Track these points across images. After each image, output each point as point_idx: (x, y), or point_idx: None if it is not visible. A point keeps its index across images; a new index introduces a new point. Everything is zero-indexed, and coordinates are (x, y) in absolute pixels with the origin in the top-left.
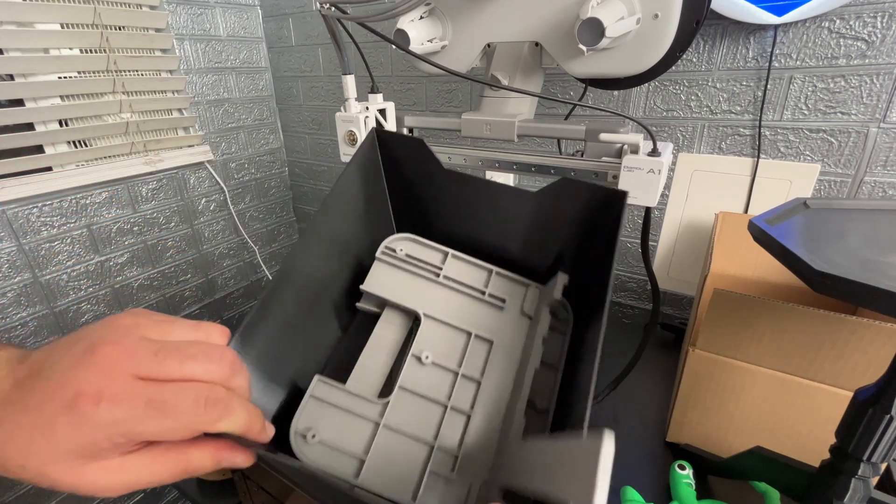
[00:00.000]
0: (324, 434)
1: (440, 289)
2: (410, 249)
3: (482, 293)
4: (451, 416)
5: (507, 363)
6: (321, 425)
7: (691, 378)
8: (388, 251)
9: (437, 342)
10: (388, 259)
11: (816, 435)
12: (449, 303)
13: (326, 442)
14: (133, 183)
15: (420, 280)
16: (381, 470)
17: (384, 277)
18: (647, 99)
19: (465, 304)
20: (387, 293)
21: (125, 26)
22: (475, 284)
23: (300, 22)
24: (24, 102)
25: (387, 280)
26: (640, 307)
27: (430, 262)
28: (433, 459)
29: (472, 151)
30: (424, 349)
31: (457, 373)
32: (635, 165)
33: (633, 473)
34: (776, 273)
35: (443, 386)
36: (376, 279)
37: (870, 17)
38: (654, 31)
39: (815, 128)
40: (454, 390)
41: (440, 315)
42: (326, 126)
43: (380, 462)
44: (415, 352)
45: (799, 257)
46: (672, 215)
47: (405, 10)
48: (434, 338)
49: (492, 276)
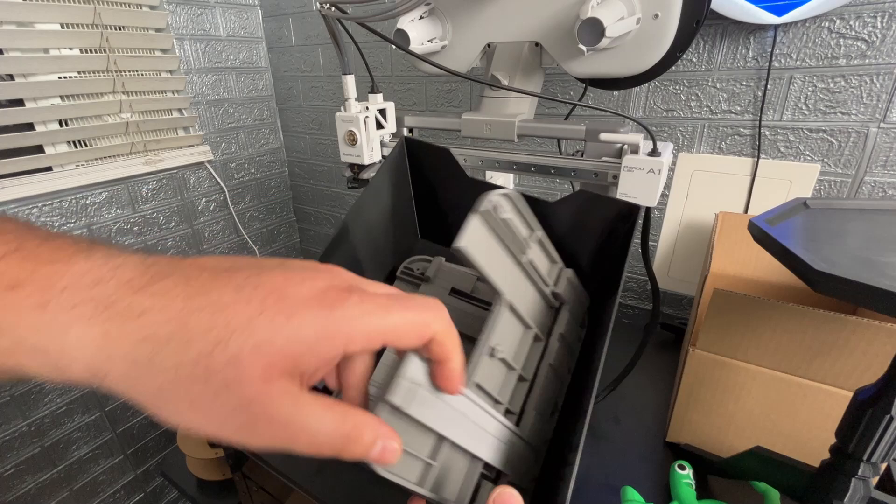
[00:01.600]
0: None
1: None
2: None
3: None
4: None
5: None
6: None
7: (691, 378)
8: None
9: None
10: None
11: (816, 435)
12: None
13: None
14: (133, 183)
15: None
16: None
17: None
18: (647, 99)
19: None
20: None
21: (125, 26)
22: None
23: (300, 22)
24: (24, 102)
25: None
26: (640, 307)
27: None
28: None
29: (472, 151)
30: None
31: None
32: (635, 165)
33: (633, 473)
34: (776, 273)
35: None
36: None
37: (870, 17)
38: (654, 31)
39: (815, 128)
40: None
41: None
42: (326, 126)
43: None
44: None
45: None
46: (672, 215)
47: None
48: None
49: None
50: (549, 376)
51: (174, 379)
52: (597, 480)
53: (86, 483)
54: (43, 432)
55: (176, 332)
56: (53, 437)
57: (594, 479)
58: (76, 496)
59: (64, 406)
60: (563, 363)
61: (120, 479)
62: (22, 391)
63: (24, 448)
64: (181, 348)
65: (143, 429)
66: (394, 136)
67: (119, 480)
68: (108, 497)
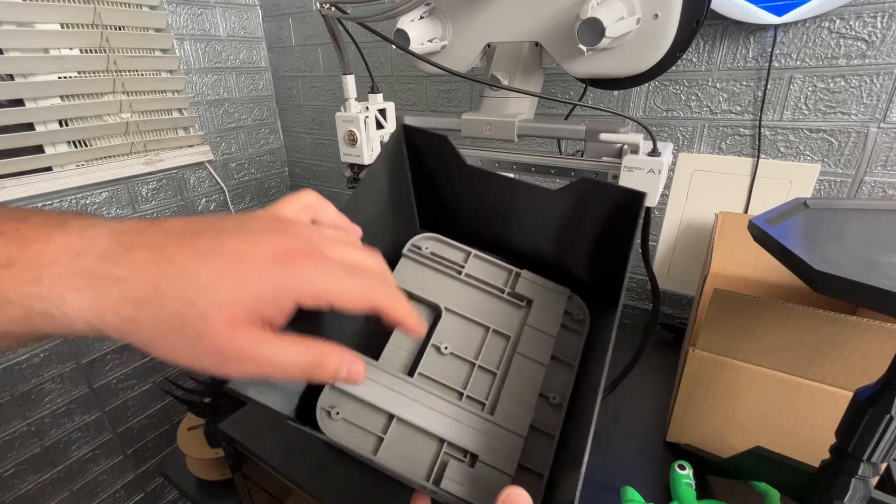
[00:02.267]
0: (346, 412)
1: (462, 286)
2: (435, 248)
3: (502, 291)
4: (467, 404)
5: (523, 358)
6: (345, 404)
7: (691, 378)
8: (414, 249)
9: (456, 335)
10: (414, 256)
11: (816, 435)
12: (470, 299)
13: (349, 419)
14: (133, 183)
15: (443, 277)
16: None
17: (409, 273)
18: (647, 99)
19: (485, 301)
20: (411, 287)
21: (125, 26)
22: (496, 283)
23: (300, 22)
24: (24, 102)
25: (411, 276)
26: (640, 307)
27: (453, 260)
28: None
29: (472, 151)
30: (444, 340)
31: (474, 364)
32: (635, 165)
33: (633, 473)
34: (776, 273)
35: (460, 375)
36: (402, 275)
37: (870, 17)
38: (654, 31)
39: (815, 128)
40: (471, 380)
41: (460, 309)
42: (326, 126)
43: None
44: (435, 342)
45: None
46: (672, 215)
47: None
48: (453, 331)
49: (511, 276)
50: (522, 366)
51: (157, 331)
52: (597, 480)
53: (86, 483)
54: (43, 432)
55: (151, 295)
56: (53, 437)
57: (594, 479)
58: (76, 496)
59: (64, 406)
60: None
61: (120, 479)
62: (22, 391)
63: (24, 448)
64: (158, 307)
65: (143, 429)
66: None
67: (119, 480)
68: (108, 497)
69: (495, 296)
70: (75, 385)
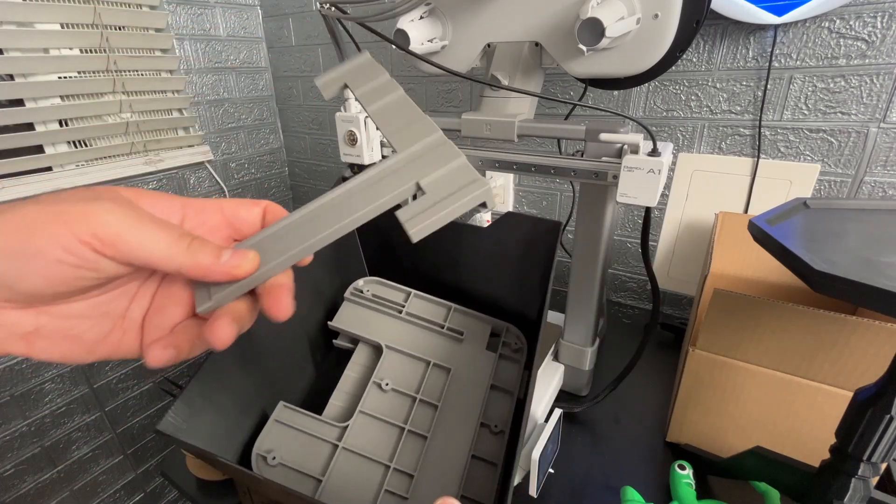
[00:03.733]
0: (285, 456)
1: (403, 324)
2: (377, 290)
3: (441, 327)
4: (410, 439)
5: (464, 389)
6: (283, 448)
7: (691, 378)
8: (355, 292)
9: (397, 371)
10: (356, 299)
11: (816, 435)
12: (410, 336)
13: (287, 463)
14: (133, 183)
15: (385, 317)
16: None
17: (351, 315)
18: (647, 99)
19: (425, 337)
20: (353, 328)
21: (125, 26)
22: (435, 319)
23: (300, 22)
24: (24, 102)
25: (354, 317)
26: (640, 307)
27: (394, 300)
28: (389, 479)
29: (472, 151)
30: (385, 377)
31: (415, 398)
32: (635, 165)
33: (633, 473)
34: (776, 273)
35: (402, 410)
36: (345, 316)
37: (870, 17)
38: (654, 31)
39: (815, 128)
40: (412, 414)
41: (401, 346)
42: (326, 126)
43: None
44: (375, 379)
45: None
46: (672, 215)
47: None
48: (395, 367)
49: (450, 311)
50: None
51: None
52: (597, 480)
53: (86, 483)
54: (43, 432)
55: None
56: (53, 437)
57: (594, 479)
58: (76, 496)
59: (64, 406)
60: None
61: (120, 479)
62: (22, 391)
63: (24, 448)
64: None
65: (143, 429)
66: None
67: (119, 480)
68: (108, 497)
69: (435, 331)
70: (75, 385)
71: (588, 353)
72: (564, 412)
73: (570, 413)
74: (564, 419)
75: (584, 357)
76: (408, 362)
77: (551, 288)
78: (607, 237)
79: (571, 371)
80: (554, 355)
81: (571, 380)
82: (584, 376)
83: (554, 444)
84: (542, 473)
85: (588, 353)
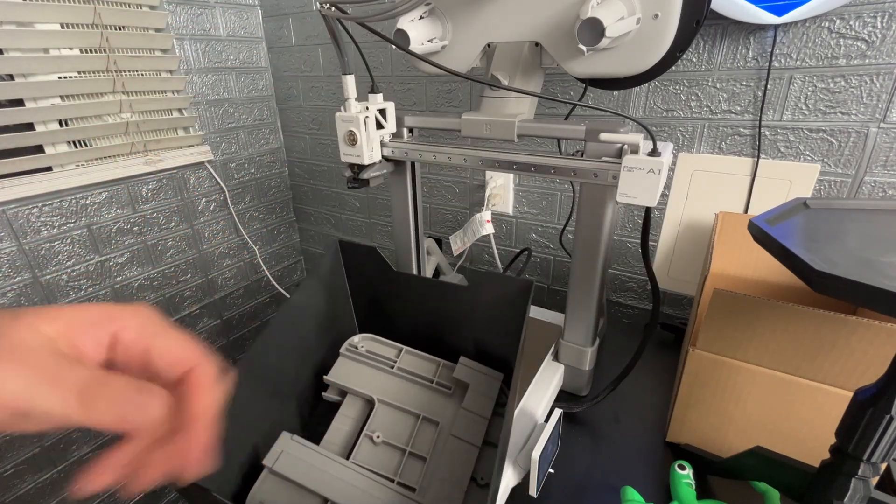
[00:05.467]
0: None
1: (395, 379)
2: (370, 346)
3: (431, 381)
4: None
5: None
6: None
7: (691, 378)
8: (350, 347)
9: (389, 423)
10: (350, 354)
11: (816, 435)
12: (401, 390)
13: None
14: (133, 183)
15: (377, 371)
16: None
17: (346, 370)
18: (647, 99)
19: (416, 391)
20: (348, 382)
21: (125, 26)
22: (426, 374)
23: (300, 22)
24: (24, 102)
25: (348, 372)
26: (640, 307)
27: (386, 356)
28: None
29: (472, 151)
30: (377, 429)
31: (405, 450)
32: (635, 165)
33: (633, 473)
34: (776, 273)
35: (392, 462)
36: (339, 371)
37: (870, 17)
38: (654, 31)
39: (815, 128)
40: (402, 466)
41: (393, 400)
42: (326, 126)
43: None
44: (367, 431)
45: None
46: (672, 215)
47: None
48: (386, 420)
49: (440, 367)
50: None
51: None
52: (597, 480)
53: None
54: (43, 432)
55: None
56: (53, 436)
57: (594, 479)
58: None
59: None
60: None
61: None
62: None
63: (24, 448)
64: None
65: None
66: (394, 136)
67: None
68: (109, 497)
69: (425, 385)
70: None
71: (588, 353)
72: (564, 412)
73: (570, 413)
74: (564, 419)
75: (584, 357)
76: (399, 416)
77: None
78: (607, 237)
79: (571, 371)
80: (554, 355)
81: (571, 380)
82: (584, 376)
83: (554, 444)
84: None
85: (588, 353)
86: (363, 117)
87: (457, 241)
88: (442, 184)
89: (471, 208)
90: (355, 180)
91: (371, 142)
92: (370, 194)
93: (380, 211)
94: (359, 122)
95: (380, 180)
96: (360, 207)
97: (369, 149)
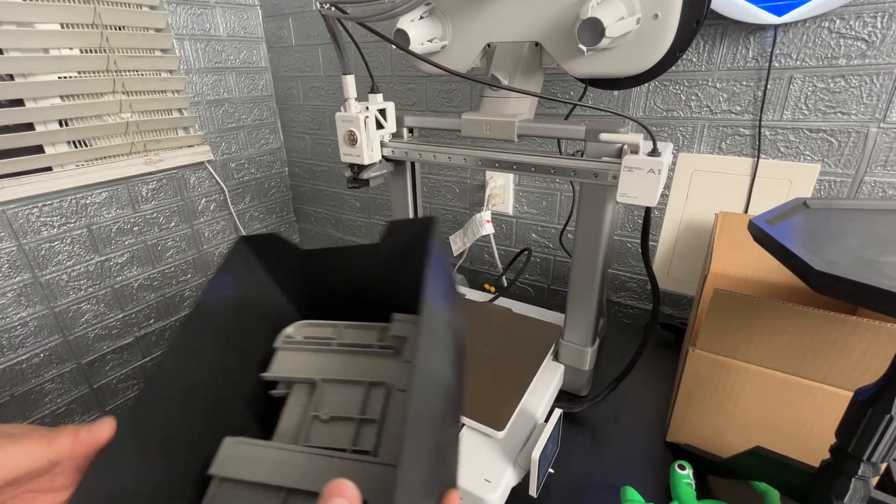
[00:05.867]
0: None
1: (337, 356)
2: (308, 332)
3: (373, 347)
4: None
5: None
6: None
7: (691, 378)
8: (286, 338)
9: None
10: (287, 345)
11: (816, 435)
12: (346, 364)
13: None
14: (133, 183)
15: (318, 354)
16: None
17: (285, 361)
18: (647, 99)
19: (361, 361)
20: (289, 372)
21: (125, 26)
22: (370, 342)
23: (300, 22)
24: (24, 102)
25: (288, 362)
26: (640, 307)
27: (325, 336)
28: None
29: (472, 151)
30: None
31: (355, 419)
32: (635, 165)
33: (633, 473)
34: (776, 273)
35: (347, 434)
36: (279, 364)
37: (870, 17)
38: (654, 31)
39: (815, 128)
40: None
41: (338, 376)
42: (326, 126)
43: None
44: (313, 412)
45: (799, 257)
46: (672, 215)
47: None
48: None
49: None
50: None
51: None
52: (597, 480)
53: None
54: None
55: None
56: None
57: (594, 479)
58: None
59: (64, 406)
60: None
61: None
62: (22, 391)
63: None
64: None
65: None
66: (394, 136)
67: None
68: None
69: (369, 353)
70: (75, 385)
71: (588, 353)
72: (564, 412)
73: (570, 413)
74: (564, 419)
75: (584, 357)
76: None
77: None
78: (607, 237)
79: (571, 371)
80: (554, 355)
81: (571, 380)
82: (584, 376)
83: (554, 444)
84: (542, 473)
85: (588, 353)
86: (363, 117)
87: (457, 241)
88: (442, 184)
89: (471, 208)
90: (355, 180)
91: (371, 142)
92: (370, 194)
93: (380, 211)
94: (359, 122)
95: (380, 180)
96: (360, 207)
97: (369, 149)
